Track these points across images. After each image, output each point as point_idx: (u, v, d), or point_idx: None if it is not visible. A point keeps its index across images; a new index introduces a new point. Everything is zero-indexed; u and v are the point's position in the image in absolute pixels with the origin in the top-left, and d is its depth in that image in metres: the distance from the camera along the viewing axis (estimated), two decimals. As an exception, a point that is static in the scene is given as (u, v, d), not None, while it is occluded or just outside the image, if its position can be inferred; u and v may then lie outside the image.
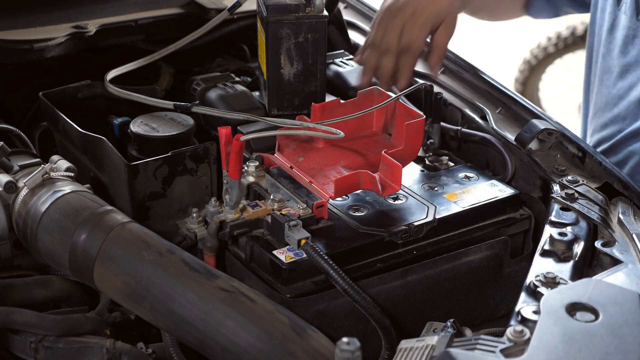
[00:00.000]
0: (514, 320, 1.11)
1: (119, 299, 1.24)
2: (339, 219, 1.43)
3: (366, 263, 1.39)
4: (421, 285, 1.41)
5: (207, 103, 1.71)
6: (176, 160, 1.47)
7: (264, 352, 1.12)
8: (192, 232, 1.43)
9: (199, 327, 1.16)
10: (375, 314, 1.25)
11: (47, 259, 1.31)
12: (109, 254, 1.23)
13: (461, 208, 1.47)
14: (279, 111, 1.68)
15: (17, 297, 1.34)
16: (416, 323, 1.40)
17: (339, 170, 1.50)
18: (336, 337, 1.09)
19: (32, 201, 1.32)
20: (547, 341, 1.03)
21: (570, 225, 1.39)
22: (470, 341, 1.05)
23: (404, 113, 1.53)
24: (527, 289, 1.20)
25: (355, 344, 0.97)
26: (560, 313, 1.08)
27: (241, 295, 1.17)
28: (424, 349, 1.07)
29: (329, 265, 1.26)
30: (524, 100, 1.72)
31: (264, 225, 1.40)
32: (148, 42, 1.90)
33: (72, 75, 1.75)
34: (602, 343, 1.03)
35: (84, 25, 1.78)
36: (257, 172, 1.50)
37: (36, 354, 1.29)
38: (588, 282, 1.15)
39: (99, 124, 1.61)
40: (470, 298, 1.48)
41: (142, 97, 1.60)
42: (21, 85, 1.87)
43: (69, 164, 1.40)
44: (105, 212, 1.28)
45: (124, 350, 1.29)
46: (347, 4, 2.18)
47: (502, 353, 1.02)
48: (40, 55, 1.72)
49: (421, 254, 1.42)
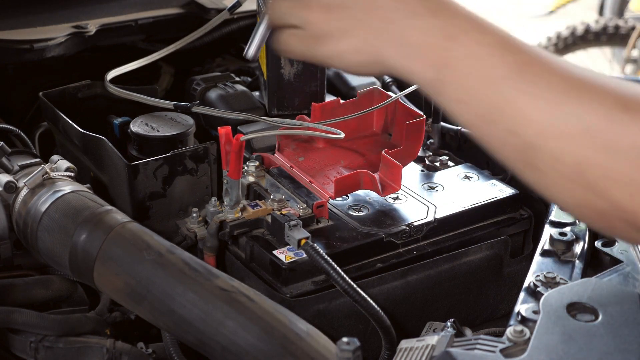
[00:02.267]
0: (514, 320, 1.11)
1: (119, 299, 1.24)
2: (339, 219, 1.43)
3: (366, 263, 1.39)
4: (421, 285, 1.41)
5: (207, 103, 1.71)
6: (176, 160, 1.47)
7: (264, 352, 1.12)
8: (192, 232, 1.43)
9: (199, 327, 1.16)
10: (376, 314, 1.25)
11: (47, 258, 1.31)
12: (109, 253, 1.23)
13: (461, 208, 1.47)
14: (279, 111, 1.68)
15: (17, 297, 1.34)
16: (416, 323, 1.40)
17: (339, 170, 1.50)
18: (336, 337, 1.09)
19: (32, 201, 1.32)
20: (547, 341, 1.03)
21: (570, 225, 1.39)
22: (470, 341, 1.05)
23: (404, 113, 1.53)
24: (527, 289, 1.20)
25: (355, 344, 0.97)
26: (560, 313, 1.08)
27: (241, 295, 1.17)
28: (424, 349, 1.07)
29: (329, 265, 1.26)
30: (524, 100, 1.72)
31: (264, 225, 1.40)
32: (148, 42, 1.90)
33: (72, 75, 1.75)
34: (602, 343, 1.03)
35: (84, 25, 1.78)
36: (257, 172, 1.50)
37: (36, 353, 1.29)
38: (588, 282, 1.15)
39: (99, 124, 1.61)
40: (470, 298, 1.48)
41: (142, 97, 1.60)
42: (21, 85, 1.87)
43: (69, 164, 1.40)
44: (106, 212, 1.28)
45: (124, 350, 1.29)
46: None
47: (502, 353, 1.02)
48: (40, 55, 1.72)
49: (421, 254, 1.42)
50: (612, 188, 0.82)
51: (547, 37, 4.28)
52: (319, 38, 0.96)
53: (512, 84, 0.86)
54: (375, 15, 0.92)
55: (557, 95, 0.84)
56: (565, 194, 0.86)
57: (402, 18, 0.91)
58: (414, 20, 0.91)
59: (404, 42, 0.91)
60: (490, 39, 0.89)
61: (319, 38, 0.96)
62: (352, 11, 0.93)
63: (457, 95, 0.89)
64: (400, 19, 0.91)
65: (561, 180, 0.85)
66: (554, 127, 0.84)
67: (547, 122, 0.84)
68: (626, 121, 0.81)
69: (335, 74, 1.84)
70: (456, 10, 0.92)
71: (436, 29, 0.90)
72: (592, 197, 0.84)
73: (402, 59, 0.92)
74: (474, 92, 0.87)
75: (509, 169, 0.92)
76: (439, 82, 0.90)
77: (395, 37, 0.92)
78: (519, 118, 0.85)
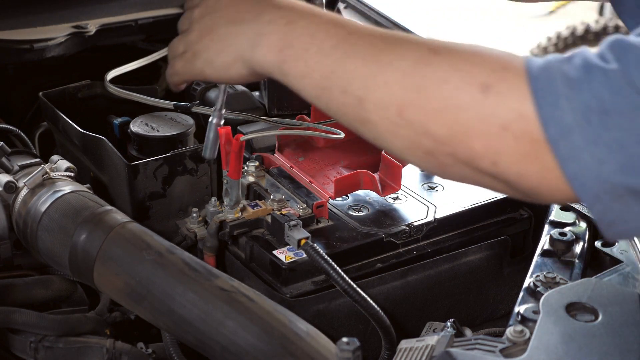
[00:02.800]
0: (514, 320, 1.12)
1: (119, 299, 1.24)
2: (339, 219, 1.43)
3: (366, 263, 1.39)
4: (421, 285, 1.41)
5: (207, 103, 1.71)
6: (176, 160, 1.47)
7: (264, 352, 1.12)
8: (192, 232, 1.43)
9: (199, 327, 1.16)
10: (375, 314, 1.25)
11: (47, 258, 1.31)
12: (109, 253, 1.23)
13: (461, 208, 1.47)
14: (279, 111, 1.68)
15: (17, 297, 1.34)
16: (416, 323, 1.40)
17: (339, 170, 1.50)
18: (336, 337, 1.09)
19: (32, 201, 1.32)
20: (547, 341, 1.03)
21: (570, 225, 1.39)
22: (470, 341, 1.05)
23: (404, 113, 1.53)
24: (527, 289, 1.21)
25: (355, 344, 0.97)
26: (560, 313, 1.08)
27: (241, 295, 1.17)
28: (424, 349, 1.07)
29: (329, 265, 1.26)
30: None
31: (264, 225, 1.40)
32: (148, 42, 1.90)
33: (72, 75, 1.75)
34: (602, 343, 1.03)
35: (84, 25, 1.78)
36: (257, 172, 1.50)
37: (36, 353, 1.29)
38: (588, 282, 1.15)
39: (99, 124, 1.61)
40: (470, 298, 1.48)
41: (142, 97, 1.60)
42: (21, 85, 1.87)
43: (69, 164, 1.40)
44: (105, 212, 1.28)
45: (124, 350, 1.29)
46: (347, 4, 2.18)
47: (502, 353, 1.02)
48: (40, 55, 1.72)
49: (421, 254, 1.42)
50: (430, 123, 0.91)
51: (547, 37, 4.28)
52: (195, 53, 1.11)
53: (341, 50, 0.98)
54: (236, 20, 1.08)
55: (375, 51, 0.96)
56: (396, 139, 0.95)
57: (253, 17, 1.06)
58: (261, 16, 1.06)
59: (253, 34, 1.06)
60: (323, 19, 1.02)
61: (195, 53, 1.11)
62: (219, 22, 1.09)
63: (298, 71, 1.01)
64: (251, 18, 1.07)
65: (390, 126, 0.94)
66: (375, 78, 0.94)
67: (370, 75, 0.95)
68: (435, 62, 0.92)
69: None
70: (296, 2, 1.07)
71: (278, 18, 1.04)
72: (418, 137, 0.93)
73: (252, 49, 1.06)
74: (312, 63, 0.99)
75: (353, 130, 1.02)
76: (284, 62, 1.03)
77: (248, 33, 1.07)
78: (348, 77, 0.96)
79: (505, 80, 0.88)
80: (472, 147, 0.90)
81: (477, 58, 0.91)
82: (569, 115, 0.85)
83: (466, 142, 0.90)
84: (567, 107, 0.85)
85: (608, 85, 0.84)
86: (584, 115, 0.84)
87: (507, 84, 0.88)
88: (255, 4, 1.07)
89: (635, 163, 0.84)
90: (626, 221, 0.87)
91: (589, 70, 0.85)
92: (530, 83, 0.87)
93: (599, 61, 0.85)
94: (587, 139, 0.84)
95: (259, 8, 1.06)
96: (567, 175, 0.86)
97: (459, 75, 0.90)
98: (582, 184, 0.86)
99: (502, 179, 0.91)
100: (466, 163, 0.92)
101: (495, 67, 0.89)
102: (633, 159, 0.84)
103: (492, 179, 0.92)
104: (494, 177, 0.91)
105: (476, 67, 0.90)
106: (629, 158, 0.84)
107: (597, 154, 0.84)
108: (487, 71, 0.89)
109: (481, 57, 0.91)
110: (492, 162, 0.90)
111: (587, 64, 0.85)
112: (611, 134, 0.84)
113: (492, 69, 0.89)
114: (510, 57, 0.91)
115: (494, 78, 0.89)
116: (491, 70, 0.89)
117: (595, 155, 0.84)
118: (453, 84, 0.90)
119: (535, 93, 0.87)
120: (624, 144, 0.84)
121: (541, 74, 0.87)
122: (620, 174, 0.84)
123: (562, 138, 0.85)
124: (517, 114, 0.87)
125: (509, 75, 0.88)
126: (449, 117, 0.90)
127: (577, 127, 0.84)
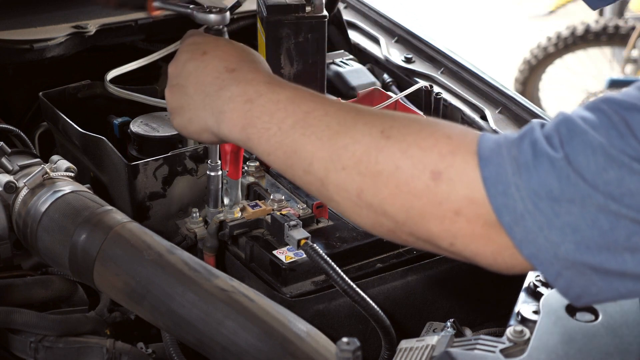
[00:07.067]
0: (514, 320, 1.11)
1: (119, 299, 1.24)
2: (339, 219, 1.43)
3: (366, 263, 1.39)
4: (421, 285, 1.41)
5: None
6: (176, 160, 1.47)
7: (264, 352, 1.12)
8: (192, 232, 1.43)
9: (198, 327, 1.16)
10: (375, 314, 1.25)
11: (47, 258, 1.31)
12: (109, 254, 1.23)
13: (461, 208, 1.47)
14: (279, 111, 1.67)
15: (17, 297, 1.34)
16: (416, 323, 1.40)
17: (339, 170, 1.50)
18: (336, 337, 1.09)
19: (32, 201, 1.32)
20: (547, 341, 1.03)
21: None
22: (470, 341, 1.05)
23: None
24: (527, 289, 1.20)
25: (355, 344, 0.97)
26: (560, 313, 1.08)
27: (241, 295, 1.17)
28: (424, 349, 1.07)
29: (328, 265, 1.26)
30: (524, 100, 1.72)
31: (264, 225, 1.40)
32: (148, 42, 1.90)
33: (72, 75, 1.75)
34: (602, 343, 1.03)
35: (84, 25, 1.78)
36: (257, 172, 1.50)
37: (36, 353, 1.29)
38: (588, 282, 1.15)
39: (99, 124, 1.61)
40: (470, 298, 1.48)
41: (142, 97, 1.60)
42: (21, 85, 1.87)
43: (69, 164, 1.40)
44: (105, 212, 1.28)
45: (124, 350, 1.29)
46: (347, 4, 2.18)
47: (502, 353, 1.02)
48: (40, 55, 1.72)
49: (421, 254, 1.42)
50: (387, 206, 0.92)
51: (547, 37, 4.28)
52: (172, 113, 1.13)
53: (299, 130, 0.98)
54: (200, 91, 1.08)
55: (331, 133, 0.96)
56: (360, 218, 0.95)
57: (215, 91, 1.06)
58: (222, 91, 1.05)
59: (216, 110, 1.05)
60: (281, 96, 1.00)
61: (172, 113, 1.13)
62: (187, 89, 1.09)
63: (262, 149, 1.01)
64: (213, 92, 1.06)
65: (352, 207, 0.95)
66: (334, 162, 0.95)
67: (328, 158, 0.95)
68: (386, 148, 0.92)
69: (335, 74, 1.84)
70: (255, 74, 1.05)
71: (237, 96, 1.03)
72: (378, 218, 0.94)
73: (217, 124, 1.06)
74: (274, 142, 0.99)
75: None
76: (248, 139, 1.03)
77: (211, 108, 1.06)
78: (308, 158, 0.97)
79: (454, 166, 0.89)
80: (429, 229, 0.91)
81: (428, 141, 0.91)
82: (520, 203, 0.85)
83: (423, 224, 0.91)
84: (517, 195, 0.85)
85: (555, 174, 0.84)
86: (534, 203, 0.85)
87: (457, 171, 0.89)
88: (216, 77, 1.06)
89: (590, 244, 0.84)
90: (593, 294, 0.87)
91: (536, 156, 0.85)
92: (481, 168, 0.88)
93: (547, 146, 0.85)
94: (539, 225, 0.85)
95: (219, 83, 1.05)
96: (524, 255, 0.87)
97: (410, 162, 0.90)
98: (542, 263, 0.87)
99: (461, 257, 0.92)
100: (426, 242, 0.93)
101: (445, 152, 0.89)
102: (588, 241, 0.84)
103: (454, 254, 0.93)
104: (454, 254, 0.93)
105: (426, 153, 0.90)
106: (585, 239, 0.84)
107: (552, 237, 0.85)
108: (437, 157, 0.90)
109: (432, 139, 0.91)
110: (449, 243, 0.91)
111: (535, 149, 0.85)
112: (563, 219, 0.84)
113: (441, 154, 0.89)
114: (461, 136, 0.91)
115: (444, 164, 0.89)
116: (440, 155, 0.89)
117: (549, 239, 0.85)
118: (405, 171, 0.90)
119: (485, 181, 0.87)
120: (578, 228, 0.84)
121: (491, 157, 0.88)
122: (577, 253, 0.85)
123: (516, 224, 0.86)
124: (468, 201, 0.88)
125: (457, 160, 0.89)
126: (404, 202, 0.91)
127: (528, 214, 0.85)
